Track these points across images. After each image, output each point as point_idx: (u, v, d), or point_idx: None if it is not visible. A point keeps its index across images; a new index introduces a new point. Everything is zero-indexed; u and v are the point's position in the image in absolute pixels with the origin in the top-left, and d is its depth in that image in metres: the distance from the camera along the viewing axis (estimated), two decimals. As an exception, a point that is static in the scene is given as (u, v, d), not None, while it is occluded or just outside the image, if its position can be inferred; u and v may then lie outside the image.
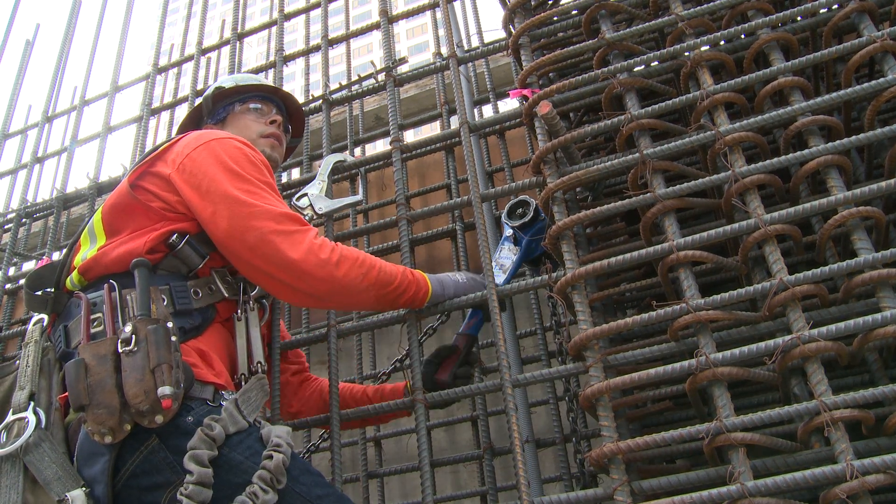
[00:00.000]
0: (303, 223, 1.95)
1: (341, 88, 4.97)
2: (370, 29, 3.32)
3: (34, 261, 4.62)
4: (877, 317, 1.71)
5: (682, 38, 2.25)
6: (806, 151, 1.96)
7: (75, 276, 1.96)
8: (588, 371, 1.92)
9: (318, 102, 3.10)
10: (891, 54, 2.01)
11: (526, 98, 2.33)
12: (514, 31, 2.49)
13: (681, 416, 2.31)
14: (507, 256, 2.47)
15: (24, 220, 4.31)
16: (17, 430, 1.73)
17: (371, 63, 5.22)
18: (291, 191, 2.89)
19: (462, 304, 2.31)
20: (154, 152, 2.07)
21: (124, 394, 1.62)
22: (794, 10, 2.19)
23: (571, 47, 2.35)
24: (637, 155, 2.06)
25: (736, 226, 1.92)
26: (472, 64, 4.60)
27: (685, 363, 1.81)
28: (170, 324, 1.72)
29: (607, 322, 1.96)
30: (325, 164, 2.62)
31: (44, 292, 1.99)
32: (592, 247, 2.54)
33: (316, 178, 2.57)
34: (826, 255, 2.02)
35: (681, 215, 2.33)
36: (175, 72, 4.93)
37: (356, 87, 4.75)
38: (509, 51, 2.55)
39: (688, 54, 2.21)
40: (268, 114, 2.44)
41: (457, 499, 3.71)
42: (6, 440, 1.72)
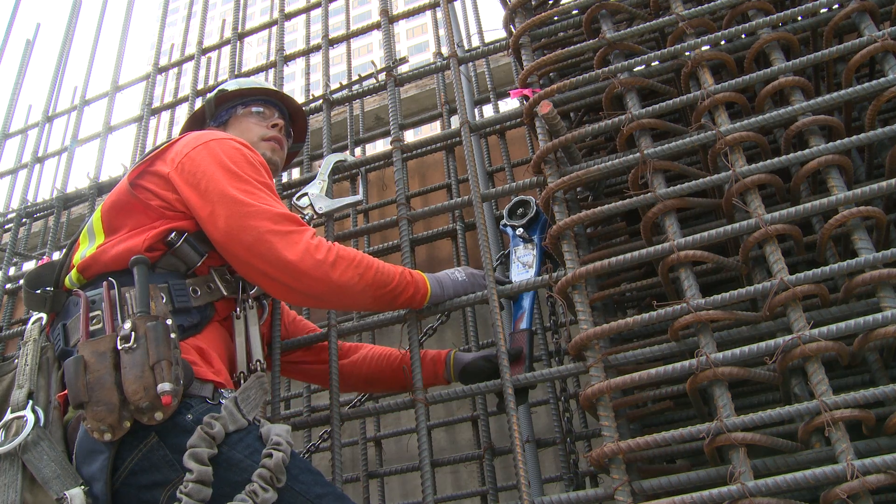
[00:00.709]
0: (300, 223, 1.95)
1: (342, 88, 4.97)
2: (370, 29, 3.32)
3: (34, 261, 4.61)
4: (877, 316, 1.71)
5: (682, 37, 2.25)
6: (807, 151, 1.95)
7: (74, 274, 1.96)
8: (588, 371, 1.92)
9: (319, 102, 3.10)
10: (891, 54, 2.01)
11: (526, 98, 2.33)
12: (514, 30, 2.49)
13: (681, 416, 2.31)
14: (527, 253, 2.47)
15: (25, 219, 4.31)
16: (15, 428, 1.73)
17: (371, 63, 5.23)
18: (292, 190, 2.89)
19: (462, 304, 2.31)
20: (154, 152, 2.07)
21: (124, 391, 1.62)
22: (795, 9, 2.19)
23: (572, 47, 2.35)
24: (638, 155, 2.06)
25: (737, 225, 1.91)
26: (473, 64, 4.60)
27: (686, 363, 1.81)
28: (169, 321, 1.72)
29: (608, 322, 1.96)
30: (326, 164, 2.62)
31: (43, 291, 1.98)
32: (593, 246, 2.54)
33: (316, 178, 2.57)
34: (827, 255, 2.02)
35: (681, 215, 2.34)
36: (175, 72, 4.92)
37: (357, 87, 4.74)
38: (510, 50, 2.55)
39: (688, 54, 2.21)
40: (269, 117, 2.45)
41: (457, 499, 3.71)
42: (4, 439, 1.72)
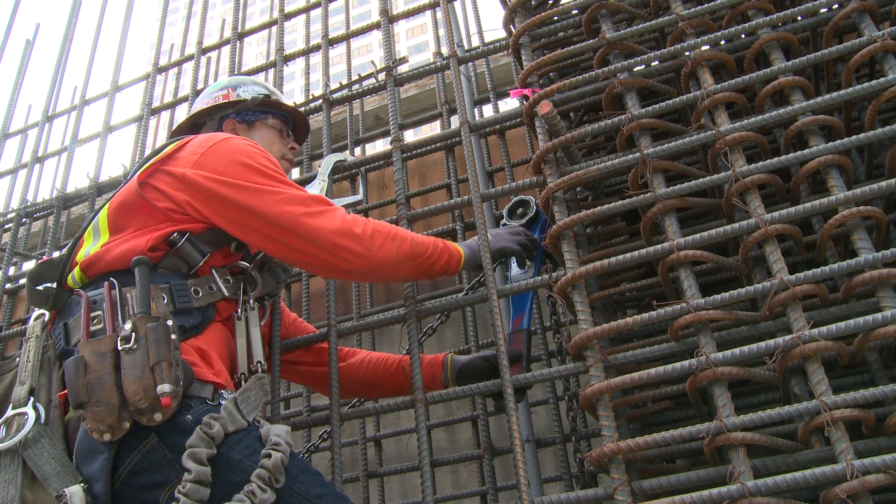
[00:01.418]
0: (329, 203, 2.01)
1: (341, 88, 4.97)
2: (370, 28, 3.32)
3: (34, 261, 4.61)
4: (877, 316, 1.71)
5: (682, 37, 2.25)
6: (807, 151, 1.95)
7: (76, 272, 1.96)
8: (588, 371, 1.92)
9: (319, 102, 3.10)
10: (891, 54, 2.01)
11: (526, 98, 2.33)
12: (514, 30, 2.49)
13: (681, 416, 2.31)
14: None
15: (24, 219, 4.31)
16: (16, 425, 1.73)
17: (371, 63, 5.23)
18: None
19: (461, 304, 2.31)
20: (165, 151, 2.07)
21: (123, 391, 1.62)
22: (795, 9, 2.19)
23: (572, 47, 2.35)
24: (637, 154, 2.06)
25: (736, 225, 1.91)
26: (473, 63, 4.60)
27: (686, 363, 1.81)
28: (169, 322, 1.72)
29: (608, 322, 1.96)
30: (326, 164, 2.63)
31: (45, 288, 1.99)
32: (593, 246, 2.54)
33: (316, 178, 2.58)
34: (826, 255, 2.02)
35: (681, 215, 2.33)
36: (175, 71, 4.92)
37: (356, 87, 4.74)
38: (510, 50, 2.55)
39: (688, 54, 2.21)
40: (287, 138, 2.51)
41: (457, 499, 3.71)
42: (5, 435, 1.72)
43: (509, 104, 4.55)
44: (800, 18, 2.31)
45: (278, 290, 2.31)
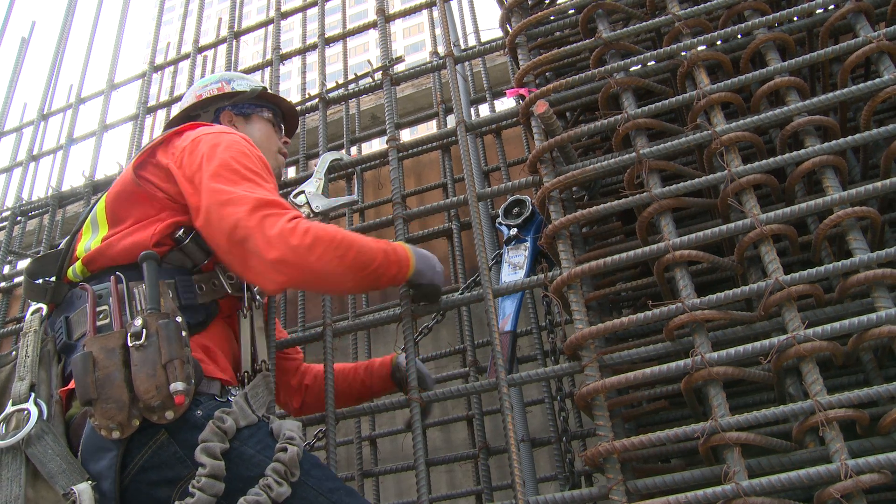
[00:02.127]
0: (280, 206, 1.83)
1: (338, 87, 4.97)
2: (367, 28, 3.32)
3: (28, 259, 4.60)
4: (872, 317, 1.72)
5: (678, 37, 2.25)
6: (802, 151, 1.96)
7: (78, 266, 1.94)
8: (584, 370, 1.92)
9: (315, 101, 3.09)
10: (887, 55, 2.02)
11: (522, 97, 2.33)
12: (510, 30, 2.49)
13: (676, 416, 2.31)
14: (518, 254, 2.48)
15: (20, 217, 4.30)
16: (16, 422, 1.72)
17: (368, 62, 5.22)
18: (288, 189, 2.88)
19: (458, 303, 2.31)
20: (157, 140, 2.05)
21: (134, 389, 1.61)
22: (791, 10, 2.20)
23: (568, 46, 2.35)
24: (633, 154, 2.06)
25: (732, 225, 1.92)
26: (469, 63, 4.60)
27: (681, 362, 1.81)
28: (179, 318, 1.71)
29: (603, 321, 1.96)
30: (322, 162, 2.62)
31: (44, 281, 1.96)
32: (588, 246, 2.54)
33: (313, 176, 2.57)
34: (822, 255, 2.02)
35: (677, 215, 2.34)
36: (171, 70, 4.90)
37: (353, 86, 4.75)
38: (506, 50, 2.55)
39: (685, 54, 2.22)
40: (280, 132, 2.49)
41: (452, 498, 3.71)
42: (6, 432, 1.71)
43: (506, 104, 4.56)
44: (796, 19, 2.31)
45: None
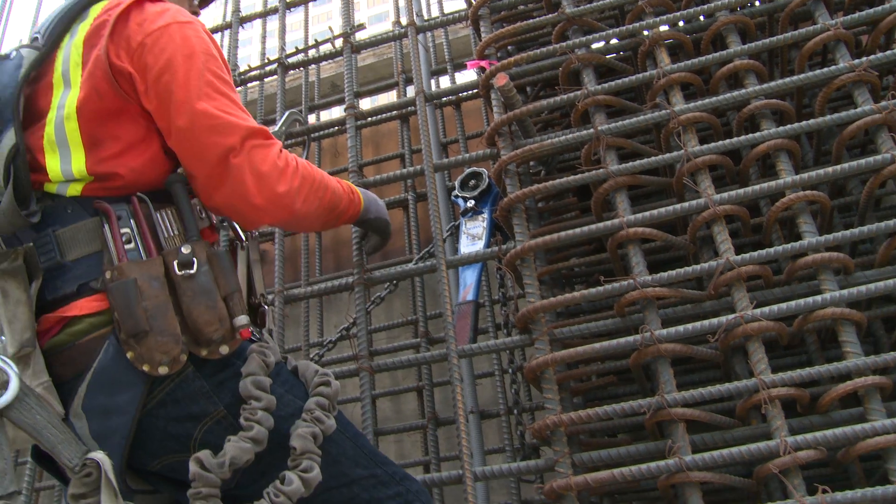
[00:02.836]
0: (267, 135, 1.65)
1: (298, 53, 4.90)
2: (329, -7, 3.27)
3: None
4: (817, 299, 1.75)
5: (641, 16, 2.25)
6: (758, 134, 1.98)
7: (75, 186, 1.61)
8: (534, 344, 1.94)
9: (274, 66, 3.06)
10: (843, 43, 2.04)
11: (483, 69, 2.32)
12: (474, 1, 2.47)
13: (625, 392, 2.34)
14: (476, 225, 2.47)
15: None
16: None
17: (329, 29, 5.15)
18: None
19: (411, 273, 2.31)
20: (116, 13, 1.62)
21: (191, 320, 1.51)
22: (753, -7, 2.21)
23: (531, 20, 2.35)
24: (591, 131, 2.07)
25: (686, 205, 1.94)
26: (432, 34, 4.56)
27: (630, 338, 1.83)
28: (216, 247, 1.59)
29: (555, 296, 1.98)
30: (285, 119, 2.58)
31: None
32: (544, 221, 2.55)
33: (275, 128, 2.52)
34: (772, 238, 2.05)
35: (633, 193, 2.35)
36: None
37: (313, 53, 4.69)
38: (469, 21, 2.53)
39: (647, 33, 2.22)
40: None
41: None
42: None
43: (467, 76, 4.53)
44: (758, 3, 2.33)
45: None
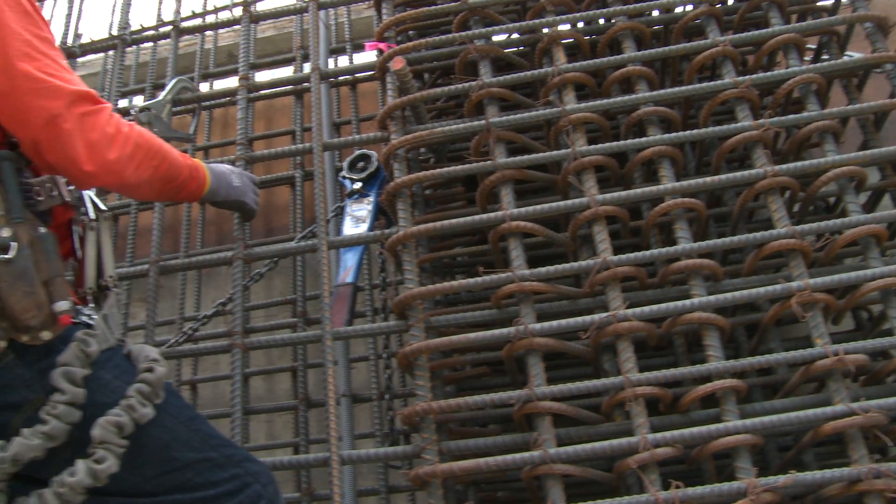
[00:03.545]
0: (96, 100, 1.59)
1: (194, 17, 4.75)
2: (231, -42, 3.18)
3: None
4: (686, 303, 1.81)
5: (542, 13, 2.27)
6: (644, 139, 2.03)
7: None
8: (409, 330, 1.93)
9: (168, 28, 2.95)
10: (730, 60, 2.12)
11: (382, 52, 2.30)
12: (377, -18, 2.45)
13: (497, 383, 2.37)
14: (361, 208, 2.45)
15: None
16: None
17: (229, -4, 5.02)
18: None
19: (291, 252, 2.27)
20: None
21: (9, 306, 1.43)
22: (652, 2, 2.25)
23: (433, 7, 2.34)
24: (483, 122, 2.07)
25: (569, 202, 1.97)
26: (334, 13, 4.50)
27: (505, 330, 1.85)
28: (42, 229, 1.51)
29: (435, 284, 1.98)
30: (173, 86, 2.48)
31: None
32: (430, 209, 2.55)
33: (160, 97, 2.42)
34: (651, 241, 2.11)
35: (520, 189, 2.37)
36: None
37: (210, 19, 4.55)
38: (372, 2, 2.50)
39: (546, 30, 2.25)
40: None
41: (269, 448, 3.66)
42: None
43: (366, 58, 4.49)
44: (656, 13, 2.39)
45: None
